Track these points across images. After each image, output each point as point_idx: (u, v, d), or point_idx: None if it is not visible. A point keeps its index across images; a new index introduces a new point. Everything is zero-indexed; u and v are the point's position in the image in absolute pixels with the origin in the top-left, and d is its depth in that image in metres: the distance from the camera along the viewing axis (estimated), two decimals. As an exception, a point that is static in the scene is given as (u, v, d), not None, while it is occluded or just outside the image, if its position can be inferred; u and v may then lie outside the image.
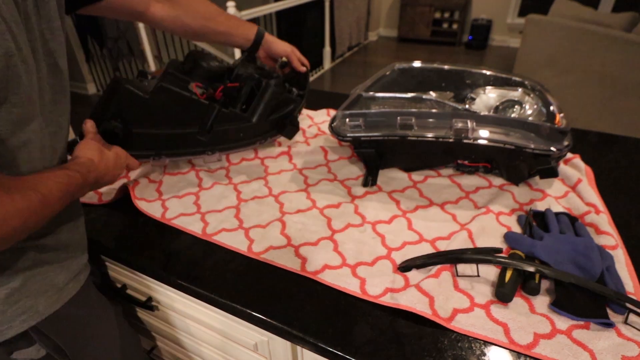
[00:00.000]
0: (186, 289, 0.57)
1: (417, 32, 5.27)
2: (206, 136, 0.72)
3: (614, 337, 0.45)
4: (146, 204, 0.70)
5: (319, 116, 1.03)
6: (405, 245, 0.60)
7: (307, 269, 0.56)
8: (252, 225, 0.65)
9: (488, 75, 0.79)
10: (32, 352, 0.53)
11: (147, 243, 0.63)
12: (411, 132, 0.67)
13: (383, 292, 0.52)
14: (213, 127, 0.72)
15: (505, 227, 0.63)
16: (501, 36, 5.11)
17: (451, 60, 4.67)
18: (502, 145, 0.64)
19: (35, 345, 0.52)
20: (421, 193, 0.73)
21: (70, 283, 0.53)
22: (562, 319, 0.48)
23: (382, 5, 5.57)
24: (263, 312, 0.51)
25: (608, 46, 2.42)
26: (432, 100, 0.78)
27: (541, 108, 0.72)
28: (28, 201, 0.40)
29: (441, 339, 0.47)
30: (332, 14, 4.30)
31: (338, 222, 0.66)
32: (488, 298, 0.51)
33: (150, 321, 0.77)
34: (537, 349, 0.44)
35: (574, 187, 0.71)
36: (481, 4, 5.01)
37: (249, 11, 2.68)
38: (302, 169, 0.81)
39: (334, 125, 0.73)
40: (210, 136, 0.72)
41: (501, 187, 0.73)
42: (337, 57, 4.74)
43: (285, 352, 0.58)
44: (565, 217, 0.63)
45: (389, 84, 0.82)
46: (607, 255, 0.54)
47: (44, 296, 0.50)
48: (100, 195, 0.74)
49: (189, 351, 0.77)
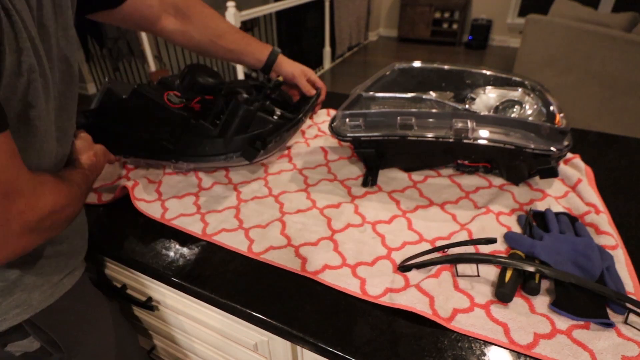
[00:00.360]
0: (186, 289, 0.57)
1: (417, 32, 5.27)
2: (173, 144, 0.72)
3: (614, 337, 0.45)
4: (145, 205, 0.70)
5: (319, 116, 1.03)
6: (405, 245, 0.60)
7: (307, 269, 0.56)
8: (252, 225, 0.65)
9: (488, 75, 0.79)
10: (26, 345, 0.53)
11: (147, 243, 0.63)
12: (411, 132, 0.67)
13: (383, 292, 0.52)
14: (181, 137, 0.72)
15: (505, 227, 0.63)
16: (501, 36, 5.11)
17: (451, 60, 4.67)
18: (502, 145, 0.64)
19: (29, 337, 0.52)
20: (421, 193, 0.73)
21: (65, 278, 0.54)
22: (562, 319, 0.48)
23: (382, 5, 5.57)
24: (263, 312, 0.51)
25: (608, 46, 2.42)
26: (432, 100, 0.78)
27: (541, 108, 0.72)
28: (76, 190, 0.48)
29: (441, 339, 0.47)
30: (332, 14, 4.30)
31: (338, 222, 0.66)
32: (488, 298, 0.51)
33: (150, 321, 0.77)
34: (537, 349, 0.44)
35: (574, 187, 0.71)
36: (481, 4, 5.01)
37: (249, 11, 2.68)
38: (302, 169, 0.81)
39: (334, 125, 0.73)
40: (179, 145, 0.72)
41: (501, 187, 0.73)
42: (337, 57, 4.74)
43: (285, 352, 0.58)
44: (565, 217, 0.63)
45: (389, 84, 0.82)
46: (607, 255, 0.54)
47: (39, 290, 0.50)
48: (99, 195, 0.74)
49: (189, 351, 0.77)
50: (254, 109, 0.70)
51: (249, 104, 0.71)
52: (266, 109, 0.75)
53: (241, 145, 0.71)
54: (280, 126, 0.74)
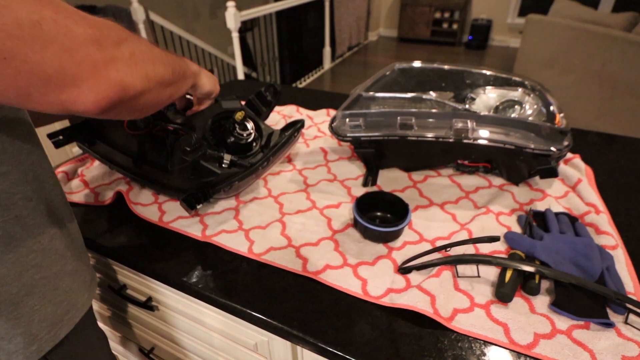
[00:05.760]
0: (186, 289, 0.57)
1: (417, 32, 5.27)
2: (138, 166, 0.71)
3: (614, 337, 0.45)
4: (142, 208, 0.70)
5: (318, 116, 1.03)
6: (405, 245, 0.60)
7: (308, 269, 0.56)
8: (252, 226, 0.65)
9: (488, 75, 0.79)
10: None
11: (147, 243, 0.63)
12: (411, 132, 0.67)
13: (384, 292, 0.52)
14: (144, 160, 0.70)
15: (505, 227, 0.63)
16: (501, 36, 5.11)
17: (451, 60, 4.68)
18: (502, 145, 0.64)
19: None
20: (421, 193, 0.73)
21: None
22: (562, 319, 0.48)
23: (382, 5, 5.57)
24: (263, 312, 0.51)
25: (608, 46, 2.43)
26: (432, 100, 0.78)
27: (541, 108, 0.72)
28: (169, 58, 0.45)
29: (441, 339, 0.47)
30: (332, 14, 4.31)
31: (338, 222, 0.66)
32: (488, 298, 0.51)
33: (150, 321, 0.77)
34: (537, 349, 0.44)
35: (574, 187, 0.71)
36: (481, 4, 5.02)
37: (249, 11, 2.68)
38: (302, 169, 0.81)
39: (334, 125, 0.73)
40: (144, 168, 0.71)
41: (501, 187, 0.73)
42: (337, 57, 4.75)
43: (285, 352, 0.58)
44: (565, 217, 0.63)
45: (389, 84, 0.82)
46: (607, 255, 0.54)
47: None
48: (96, 196, 0.74)
49: (189, 351, 0.77)
50: (189, 160, 0.59)
51: (191, 151, 0.59)
52: (212, 156, 0.62)
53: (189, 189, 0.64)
54: (229, 176, 0.63)
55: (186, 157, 0.58)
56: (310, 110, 1.07)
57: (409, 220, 0.60)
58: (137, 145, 0.70)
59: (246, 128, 0.67)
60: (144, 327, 0.80)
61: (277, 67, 4.56)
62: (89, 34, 0.33)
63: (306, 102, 1.12)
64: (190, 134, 0.60)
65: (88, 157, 0.86)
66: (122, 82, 0.36)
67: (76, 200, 0.73)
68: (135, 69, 0.38)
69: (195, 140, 0.59)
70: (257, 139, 0.70)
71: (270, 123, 0.92)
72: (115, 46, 0.36)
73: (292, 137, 0.70)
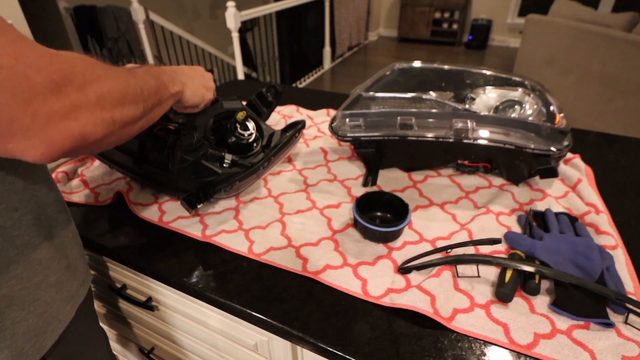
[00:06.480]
0: (186, 289, 0.57)
1: (417, 32, 5.27)
2: (139, 165, 0.70)
3: (614, 337, 0.45)
4: (142, 208, 0.70)
5: (318, 116, 1.03)
6: (405, 245, 0.60)
7: (308, 269, 0.56)
8: (252, 226, 0.65)
9: (488, 75, 0.79)
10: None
11: (147, 243, 0.63)
12: (411, 132, 0.67)
13: (384, 292, 0.52)
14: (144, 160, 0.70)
15: (505, 227, 0.63)
16: (501, 36, 5.11)
17: (451, 60, 4.68)
18: (502, 145, 0.64)
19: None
20: (421, 193, 0.73)
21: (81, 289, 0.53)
22: (562, 319, 0.48)
23: (382, 5, 5.57)
24: (263, 312, 0.51)
25: (608, 46, 2.43)
26: (432, 100, 0.78)
27: (541, 108, 0.72)
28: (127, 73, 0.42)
29: (441, 339, 0.47)
30: (332, 14, 4.30)
31: (338, 222, 0.66)
32: (488, 298, 0.51)
33: (150, 321, 0.77)
34: (537, 349, 0.44)
35: (574, 187, 0.71)
36: (481, 4, 5.01)
37: (249, 11, 2.68)
38: (302, 169, 0.81)
39: (334, 125, 0.73)
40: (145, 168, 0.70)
41: (501, 187, 0.73)
42: (337, 57, 4.75)
43: (285, 352, 0.58)
44: (565, 217, 0.63)
45: (389, 84, 0.82)
46: (607, 255, 0.54)
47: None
48: (96, 196, 0.74)
49: (189, 351, 0.77)
50: (190, 160, 0.59)
51: (193, 150, 0.59)
52: (213, 156, 0.62)
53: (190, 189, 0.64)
54: (230, 176, 0.63)
55: (187, 157, 0.58)
56: (310, 110, 1.07)
57: (409, 220, 0.61)
58: (137, 145, 0.70)
59: (247, 128, 0.68)
60: (144, 327, 0.80)
61: (277, 67, 4.56)
62: (49, 81, 0.31)
63: (306, 102, 1.12)
64: (192, 133, 0.60)
65: (88, 156, 0.86)
66: (80, 132, 0.34)
67: (76, 200, 0.73)
68: (100, 114, 0.36)
69: (196, 140, 0.59)
70: (258, 139, 0.71)
71: (270, 123, 0.92)
72: (80, 90, 0.34)
73: (293, 138, 0.70)
